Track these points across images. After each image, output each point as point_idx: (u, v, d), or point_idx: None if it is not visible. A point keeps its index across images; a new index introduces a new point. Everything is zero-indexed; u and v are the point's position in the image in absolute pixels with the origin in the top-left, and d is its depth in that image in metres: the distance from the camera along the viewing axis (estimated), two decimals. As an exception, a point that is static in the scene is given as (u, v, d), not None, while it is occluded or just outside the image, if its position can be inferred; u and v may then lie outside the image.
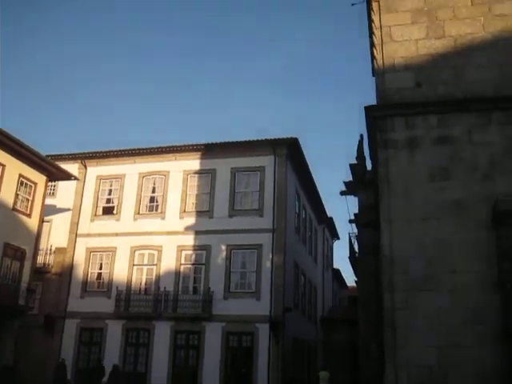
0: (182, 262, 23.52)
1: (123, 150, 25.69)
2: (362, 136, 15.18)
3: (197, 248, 23.41)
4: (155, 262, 23.83)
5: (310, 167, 26.86)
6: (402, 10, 11.72)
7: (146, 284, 23.83)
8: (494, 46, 11.10)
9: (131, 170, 25.54)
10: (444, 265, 10.02)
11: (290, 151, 23.99)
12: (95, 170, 26.24)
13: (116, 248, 24.54)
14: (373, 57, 11.61)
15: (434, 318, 9.83)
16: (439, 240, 10.17)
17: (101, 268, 24.87)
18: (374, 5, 11.85)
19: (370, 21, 12.02)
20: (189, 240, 23.58)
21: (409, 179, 10.49)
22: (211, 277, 22.79)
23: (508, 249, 9.74)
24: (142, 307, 23.06)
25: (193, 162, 24.83)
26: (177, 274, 23.33)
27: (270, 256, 22.44)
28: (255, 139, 23.72)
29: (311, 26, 77.40)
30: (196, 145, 24.81)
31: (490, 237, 9.94)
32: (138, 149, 25.45)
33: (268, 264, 22.43)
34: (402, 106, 10.86)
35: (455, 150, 10.50)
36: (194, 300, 22.60)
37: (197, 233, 23.56)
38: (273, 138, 23.43)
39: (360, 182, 15.04)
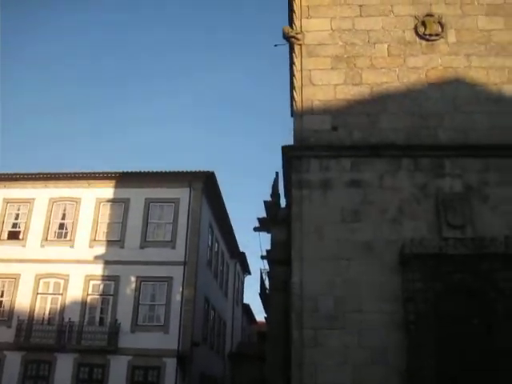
0: (90, 292, 22.73)
1: (33, 174, 24.69)
2: (277, 174, 15.41)
3: (105, 278, 22.72)
4: (61, 291, 22.88)
5: (225, 202, 27.01)
6: (323, 55, 12.18)
7: (49, 314, 22.73)
8: (407, 96, 11.73)
9: (41, 195, 24.59)
10: (352, 304, 10.27)
11: (206, 185, 24.00)
12: (2, 193, 25.14)
13: (19, 275, 23.39)
14: (292, 98, 11.91)
15: (342, 356, 10.01)
16: (348, 280, 10.43)
17: (2, 295, 23.67)
18: (297, 48, 12.26)
19: (292, 63, 12.40)
20: (98, 269, 22.86)
21: (321, 220, 10.75)
22: (119, 308, 22.14)
23: (412, 291, 10.12)
24: (44, 338, 21.94)
25: (106, 190, 24.21)
26: (83, 304, 22.49)
27: (181, 289, 22.13)
28: (171, 171, 23.57)
29: (237, 64, 78.52)
30: (110, 173, 24.29)
31: (396, 279, 10.29)
32: (49, 173, 24.52)
33: (178, 297, 22.10)
34: (318, 148, 11.21)
35: (366, 194, 10.89)
36: (99, 332, 21.82)
37: (106, 262, 22.89)
38: (189, 170, 23.39)
39: (273, 219, 15.19)
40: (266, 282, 17.52)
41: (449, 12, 12.58)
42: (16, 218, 24.84)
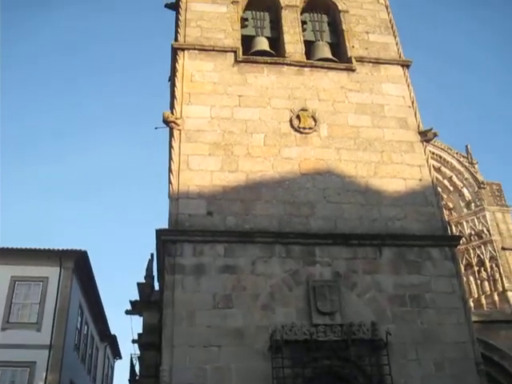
0: None
1: None
2: (152, 255, 15.26)
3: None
4: None
5: (98, 282, 26.15)
6: (201, 141, 12.42)
7: None
8: (280, 185, 12.13)
9: None
10: (223, 393, 10.04)
11: (77, 264, 23.14)
12: None
13: None
14: (169, 181, 11.94)
15: None
16: (220, 368, 10.21)
17: None
18: (176, 133, 12.44)
19: (171, 147, 12.52)
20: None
21: (193, 306, 10.58)
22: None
23: (283, 378, 10.07)
24: None
25: (-34, 266, 22.65)
26: None
27: (44, 375, 20.78)
28: (41, 248, 22.54)
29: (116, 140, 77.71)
30: (-28, 248, 22.82)
31: (267, 365, 10.20)
32: None
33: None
34: (192, 232, 11.18)
35: (239, 280, 10.92)
36: None
37: (-39, 346, 21.09)
38: (60, 248, 22.53)
39: (146, 302, 14.89)
40: (137, 368, 16.89)
41: (322, 108, 13.38)
42: None
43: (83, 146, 74.31)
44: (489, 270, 21.70)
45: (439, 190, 21.17)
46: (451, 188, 23.71)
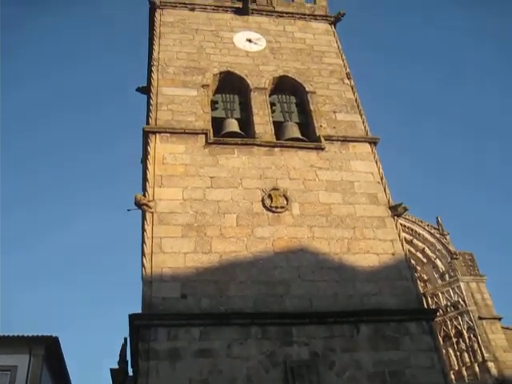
0: None
1: None
2: (125, 339, 14.86)
3: None
4: None
5: (69, 369, 25.24)
6: (173, 223, 12.43)
7: None
8: (254, 265, 12.10)
9: None
10: None
11: (48, 351, 22.35)
12: None
13: None
14: (142, 264, 11.84)
15: None
16: None
17: None
18: (148, 216, 12.45)
19: (143, 230, 12.50)
20: None
21: (169, 392, 10.30)
22: None
23: None
24: None
25: None
26: None
27: None
28: (9, 335, 21.79)
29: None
30: None
31: None
32: None
33: None
34: (166, 316, 10.99)
35: (215, 363, 10.67)
36: None
37: None
38: (30, 335, 21.84)
39: (120, 389, 14.40)
40: None
41: (293, 187, 13.59)
42: None
43: (50, 228, 73.43)
44: (467, 340, 21.67)
45: (413, 262, 21.41)
46: (424, 260, 23.94)
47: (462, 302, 22.41)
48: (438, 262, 23.70)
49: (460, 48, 63.46)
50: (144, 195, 12.84)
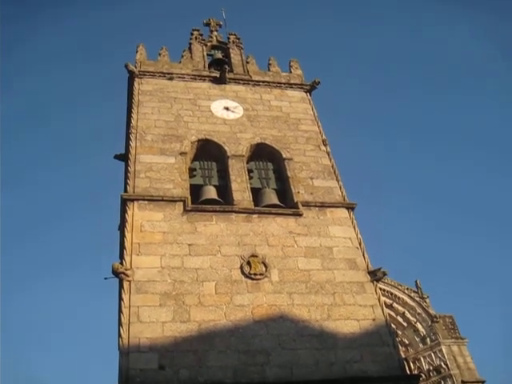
0: None
1: None
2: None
3: None
4: None
5: None
6: (151, 292, 12.25)
7: None
8: (233, 333, 11.90)
9: None
10: None
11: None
12: None
13: None
14: (119, 335, 11.59)
15: None
16: None
17: None
18: (126, 284, 12.25)
19: (120, 299, 12.27)
20: None
21: None
22: None
23: None
24: None
25: None
26: None
27: None
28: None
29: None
30: None
31: None
32: None
33: None
34: (144, 391, 10.69)
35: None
36: None
37: None
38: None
39: None
40: None
41: (272, 253, 13.56)
42: None
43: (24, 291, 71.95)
44: (452, 405, 21.38)
45: (394, 326, 21.30)
46: (405, 324, 23.81)
47: (444, 366, 22.18)
48: (419, 326, 23.57)
49: (432, 111, 65.20)
50: (121, 263, 12.69)
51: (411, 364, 22.57)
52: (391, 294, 24.09)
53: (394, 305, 23.96)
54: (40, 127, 66.16)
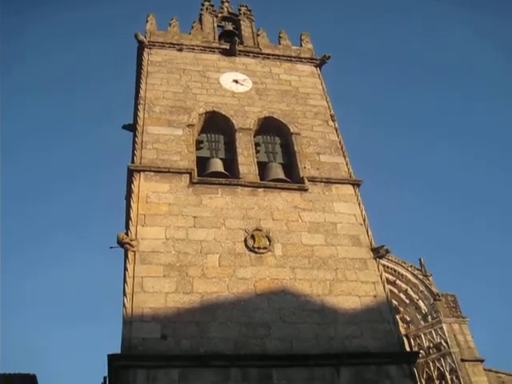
0: None
1: None
2: (105, 379, 14.62)
3: None
4: None
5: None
6: (155, 262, 12.39)
7: None
8: (236, 306, 12.04)
9: None
10: None
11: (27, 389, 21.96)
12: None
13: None
14: (123, 304, 11.74)
15: None
16: None
17: None
18: (130, 255, 12.39)
19: (125, 269, 12.43)
20: None
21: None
22: None
23: None
24: None
25: None
26: None
27: None
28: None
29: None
30: None
31: None
32: None
33: None
34: (146, 357, 10.84)
35: (194, 411, 10.54)
36: None
37: None
38: (7, 373, 21.28)
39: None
40: None
41: (276, 228, 13.64)
42: None
43: (29, 265, 72.62)
44: (450, 382, 21.52)
45: (396, 303, 21.44)
46: (407, 301, 23.88)
47: (444, 344, 22.27)
48: (421, 303, 23.63)
49: (442, 94, 64.60)
50: (126, 234, 12.81)
51: (412, 341, 22.70)
52: (395, 271, 24.13)
53: (398, 282, 24.00)
54: (54, 96, 66.20)
